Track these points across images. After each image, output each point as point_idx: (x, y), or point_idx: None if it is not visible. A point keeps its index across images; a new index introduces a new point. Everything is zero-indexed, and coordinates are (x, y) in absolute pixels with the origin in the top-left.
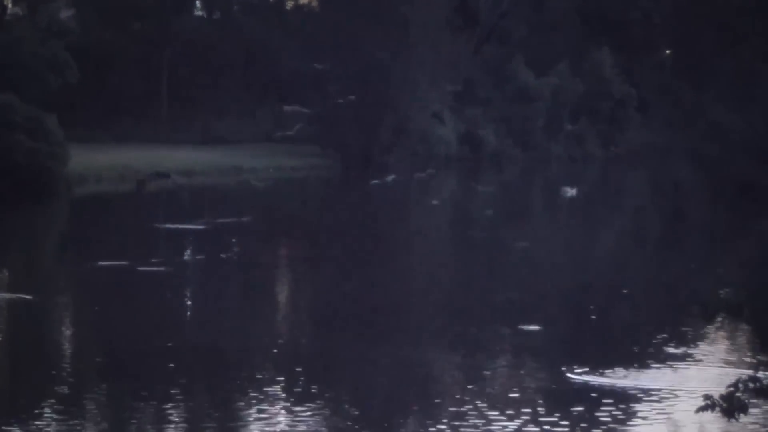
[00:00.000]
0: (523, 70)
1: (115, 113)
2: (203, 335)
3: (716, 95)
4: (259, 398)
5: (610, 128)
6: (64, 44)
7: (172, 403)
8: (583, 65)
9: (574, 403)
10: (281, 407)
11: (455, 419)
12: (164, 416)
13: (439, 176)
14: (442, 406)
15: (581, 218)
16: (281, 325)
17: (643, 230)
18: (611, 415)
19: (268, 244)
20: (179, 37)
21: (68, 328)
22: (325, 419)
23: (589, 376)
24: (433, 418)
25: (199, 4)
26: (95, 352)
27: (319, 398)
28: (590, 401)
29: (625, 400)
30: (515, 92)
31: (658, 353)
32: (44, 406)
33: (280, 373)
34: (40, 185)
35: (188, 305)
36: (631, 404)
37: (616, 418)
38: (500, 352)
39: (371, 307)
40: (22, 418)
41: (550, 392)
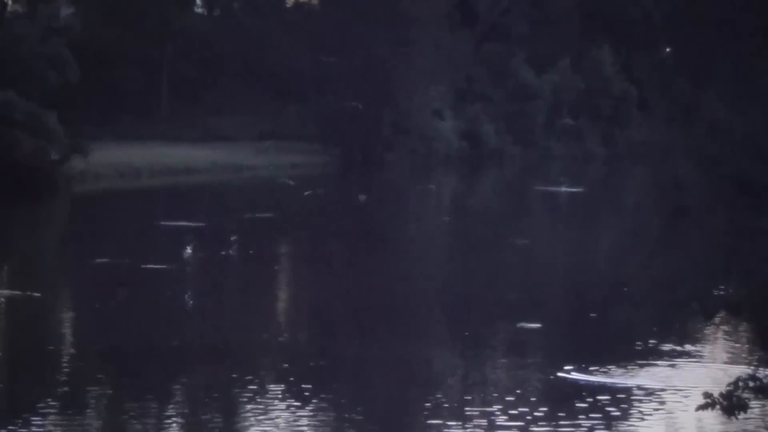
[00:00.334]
0: (523, 67)
1: (115, 111)
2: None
3: (717, 93)
4: (259, 398)
5: (610, 126)
6: (64, 42)
7: (174, 401)
8: (583, 63)
9: (573, 400)
10: (283, 406)
11: (455, 417)
12: (167, 414)
13: (440, 186)
14: (442, 404)
15: (581, 217)
16: (287, 321)
17: (642, 228)
18: (611, 412)
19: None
20: (180, 34)
21: (75, 324)
22: (326, 417)
23: (589, 373)
24: (433, 416)
25: (199, 1)
26: (102, 349)
27: (319, 397)
28: (590, 399)
29: (625, 397)
30: (515, 90)
31: (658, 351)
32: (48, 403)
33: (283, 371)
34: (40, 183)
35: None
36: (631, 402)
37: (616, 416)
38: (500, 349)
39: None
40: (27, 415)
41: (550, 389)
